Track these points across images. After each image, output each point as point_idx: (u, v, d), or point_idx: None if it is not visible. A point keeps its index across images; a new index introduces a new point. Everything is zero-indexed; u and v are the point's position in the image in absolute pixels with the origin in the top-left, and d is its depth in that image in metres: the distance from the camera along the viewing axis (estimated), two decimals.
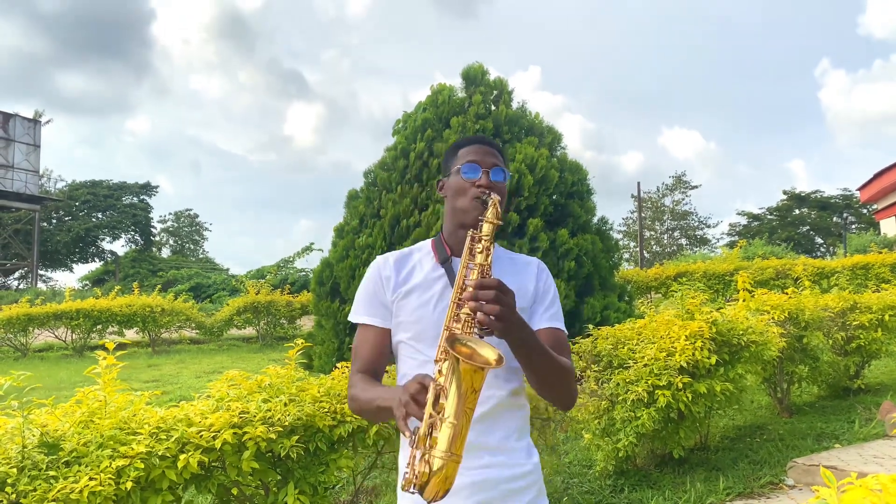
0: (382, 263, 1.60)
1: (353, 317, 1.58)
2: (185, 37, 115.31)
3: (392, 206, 7.56)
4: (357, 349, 1.56)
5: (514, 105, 8.47)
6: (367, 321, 1.56)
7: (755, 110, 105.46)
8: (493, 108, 8.29)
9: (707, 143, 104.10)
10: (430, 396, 1.17)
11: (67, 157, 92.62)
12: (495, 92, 8.44)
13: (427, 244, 1.62)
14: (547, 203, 7.64)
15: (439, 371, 1.21)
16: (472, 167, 1.52)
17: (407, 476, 1.18)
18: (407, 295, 1.53)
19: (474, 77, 8.36)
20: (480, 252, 1.34)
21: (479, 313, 1.24)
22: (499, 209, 1.38)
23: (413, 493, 1.18)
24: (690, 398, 4.02)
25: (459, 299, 1.30)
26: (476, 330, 1.26)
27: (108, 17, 79.93)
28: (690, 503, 3.85)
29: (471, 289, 1.26)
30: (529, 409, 1.59)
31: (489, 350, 1.19)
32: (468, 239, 1.39)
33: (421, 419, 1.17)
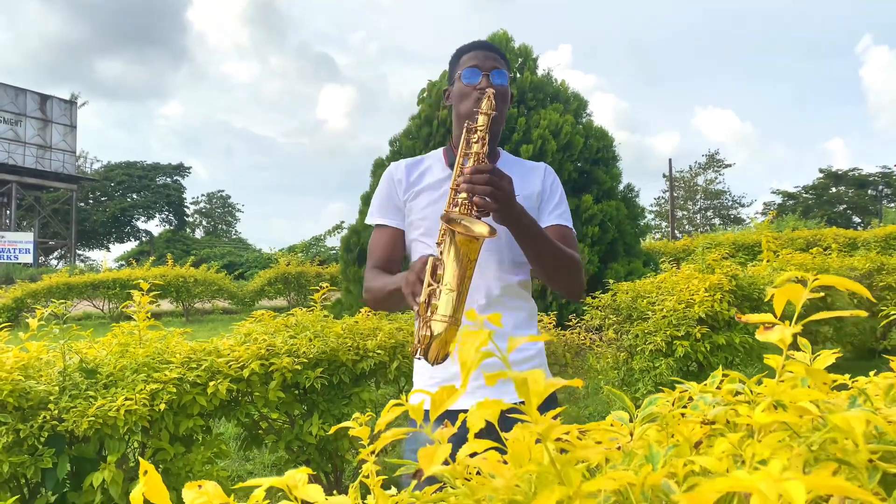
0: (394, 168, 1.68)
1: (369, 219, 1.67)
2: (219, 21, 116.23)
3: None
4: (372, 248, 1.66)
5: (540, 73, 8.46)
6: (381, 222, 1.65)
7: (792, 89, 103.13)
8: (517, 74, 8.28)
9: (742, 122, 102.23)
10: (428, 269, 1.25)
11: (102, 139, 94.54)
12: (520, 59, 8.43)
13: (439, 151, 1.69)
14: (571, 169, 7.64)
15: (440, 248, 1.29)
16: (472, 72, 1.57)
17: (414, 345, 1.28)
18: (417, 195, 1.62)
19: (498, 44, 8.35)
20: (476, 142, 1.40)
21: (475, 196, 1.30)
22: (493, 101, 1.43)
23: (419, 358, 1.27)
24: (709, 349, 4.06)
25: (457, 185, 1.36)
26: (473, 212, 1.32)
27: (147, 3, 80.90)
28: None
29: (467, 174, 1.33)
30: (536, 306, 1.67)
31: (483, 225, 1.26)
32: (464, 131, 1.44)
33: (420, 292, 1.25)
